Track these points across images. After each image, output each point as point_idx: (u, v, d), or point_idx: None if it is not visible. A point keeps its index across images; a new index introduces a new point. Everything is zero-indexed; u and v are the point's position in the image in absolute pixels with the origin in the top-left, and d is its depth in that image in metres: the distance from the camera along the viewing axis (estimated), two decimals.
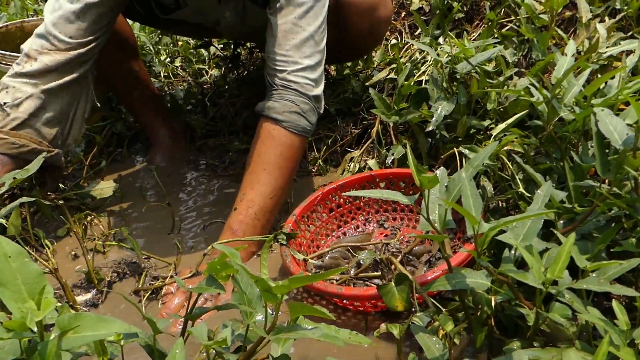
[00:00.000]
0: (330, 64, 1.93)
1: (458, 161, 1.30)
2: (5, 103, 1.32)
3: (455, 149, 1.29)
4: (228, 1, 1.48)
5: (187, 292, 1.18)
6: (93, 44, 1.37)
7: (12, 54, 1.67)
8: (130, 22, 1.75)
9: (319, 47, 1.35)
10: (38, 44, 1.34)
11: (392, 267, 1.13)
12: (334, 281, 1.20)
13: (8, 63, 1.66)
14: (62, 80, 1.35)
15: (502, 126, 1.25)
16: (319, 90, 1.36)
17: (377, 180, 1.40)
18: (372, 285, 1.18)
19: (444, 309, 1.02)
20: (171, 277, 1.27)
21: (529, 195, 1.11)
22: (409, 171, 1.37)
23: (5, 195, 1.40)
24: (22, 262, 0.61)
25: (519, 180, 1.15)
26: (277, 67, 1.34)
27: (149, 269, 1.32)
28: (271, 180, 1.32)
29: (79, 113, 1.45)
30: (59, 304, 0.73)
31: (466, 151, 1.26)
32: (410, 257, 1.24)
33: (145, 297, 1.23)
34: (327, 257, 1.29)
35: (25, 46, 1.36)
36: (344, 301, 1.14)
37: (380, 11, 1.53)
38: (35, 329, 0.58)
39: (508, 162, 1.19)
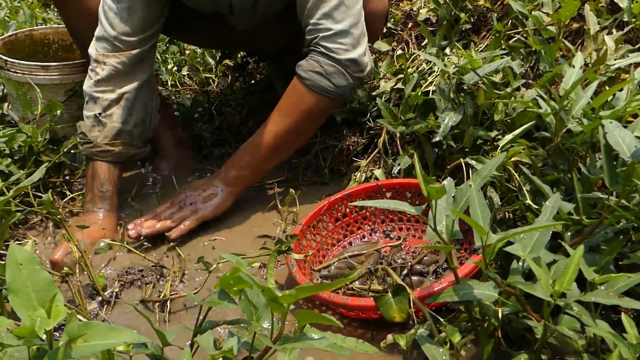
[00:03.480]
0: None
1: (464, 172, 1.30)
2: (100, 114, 1.47)
3: (461, 159, 1.29)
4: None
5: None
6: (151, 40, 1.49)
7: (21, 62, 1.68)
8: None
9: (351, 10, 1.37)
10: (102, 47, 1.45)
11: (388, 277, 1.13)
12: (339, 291, 1.20)
13: (17, 71, 1.67)
14: (135, 83, 1.48)
15: (509, 137, 1.25)
16: (354, 53, 1.38)
17: (384, 190, 1.40)
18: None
19: (442, 320, 1.02)
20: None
21: (537, 207, 1.10)
22: (416, 181, 1.37)
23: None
24: (32, 269, 0.61)
25: (526, 192, 1.15)
26: (309, 37, 1.40)
27: (156, 278, 1.31)
28: (283, 121, 1.42)
29: (154, 108, 1.58)
30: (69, 312, 0.73)
31: (473, 162, 1.26)
32: (420, 267, 1.23)
33: (156, 309, 1.23)
34: (332, 267, 1.29)
35: (92, 51, 1.47)
36: (350, 311, 1.14)
37: (374, 4, 1.54)
38: (44, 337, 0.58)
39: (515, 173, 1.19)
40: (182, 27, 1.67)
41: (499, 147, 1.25)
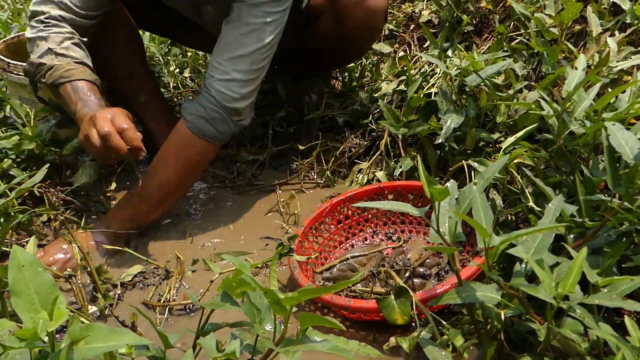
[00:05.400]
0: (334, 68, 1.93)
1: (467, 174, 1.30)
2: (53, 48, 1.39)
3: (464, 161, 1.29)
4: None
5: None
6: (94, 19, 1.46)
7: (23, 64, 1.68)
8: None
9: (256, 65, 1.39)
10: (46, 6, 1.41)
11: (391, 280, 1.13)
12: (341, 293, 1.20)
13: (19, 73, 1.67)
14: (83, 38, 1.44)
15: (511, 139, 1.25)
16: (240, 104, 1.40)
17: (386, 192, 1.39)
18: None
19: (445, 322, 1.02)
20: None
21: (539, 209, 1.10)
22: (418, 183, 1.37)
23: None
24: (35, 271, 0.61)
25: (528, 194, 1.14)
26: (209, 72, 1.41)
27: (158, 281, 1.31)
28: (165, 170, 1.42)
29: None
30: (71, 314, 0.73)
31: (475, 164, 1.25)
32: (422, 269, 1.23)
33: (157, 310, 1.22)
34: (334, 269, 1.29)
35: (34, 7, 1.43)
36: (352, 314, 1.13)
37: (374, 1, 1.54)
38: (46, 339, 0.58)
39: (517, 176, 1.19)
40: (184, 33, 1.67)
41: (502, 149, 1.25)
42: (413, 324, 1.08)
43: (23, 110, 1.63)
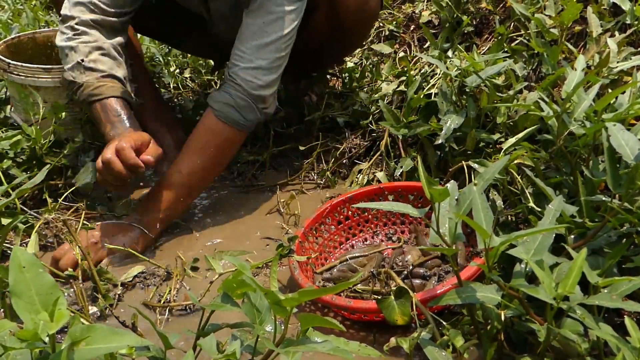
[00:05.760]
0: (333, 63, 1.93)
1: (467, 175, 1.30)
2: (82, 60, 1.43)
3: (464, 162, 1.29)
4: None
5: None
6: (125, 16, 1.51)
7: (24, 64, 1.68)
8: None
9: (279, 54, 1.41)
10: (77, 9, 1.45)
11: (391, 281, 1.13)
12: (342, 294, 1.20)
13: (20, 74, 1.67)
14: (115, 40, 1.48)
15: (512, 140, 1.25)
16: (266, 91, 1.43)
17: (386, 193, 1.39)
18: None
19: (445, 323, 1.02)
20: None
21: (539, 209, 1.10)
22: (418, 184, 1.37)
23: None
24: (36, 272, 0.61)
25: (528, 195, 1.15)
26: (232, 61, 1.43)
27: (158, 280, 1.32)
28: (195, 159, 1.43)
29: (139, 73, 1.63)
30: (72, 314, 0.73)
31: (475, 165, 1.26)
32: (423, 270, 1.23)
33: (157, 311, 1.22)
34: (335, 270, 1.29)
35: (65, 11, 1.47)
36: (352, 314, 1.14)
37: None
38: (47, 340, 0.58)
39: (518, 176, 1.19)
40: (183, 37, 1.68)
41: (502, 150, 1.25)
42: (413, 324, 1.08)
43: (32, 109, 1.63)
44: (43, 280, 0.61)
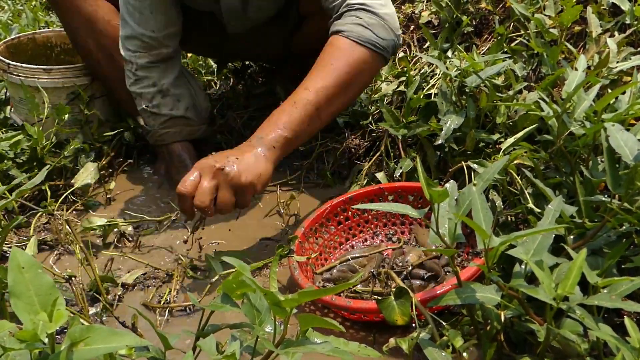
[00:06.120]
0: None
1: (466, 175, 1.30)
2: (147, 107, 1.59)
3: (464, 162, 1.29)
4: None
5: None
6: (174, 38, 1.58)
7: (24, 65, 1.68)
8: None
9: None
10: (131, 44, 1.54)
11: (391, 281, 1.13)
12: (341, 294, 1.20)
13: (20, 74, 1.68)
14: (171, 76, 1.59)
15: (511, 140, 1.25)
16: (389, 10, 1.36)
17: (386, 193, 1.39)
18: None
19: (445, 323, 1.02)
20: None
21: (539, 210, 1.10)
22: (418, 185, 1.37)
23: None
24: (35, 273, 0.61)
25: (528, 195, 1.14)
26: (337, 3, 1.36)
27: (157, 281, 1.32)
28: (325, 76, 1.29)
29: (199, 93, 1.68)
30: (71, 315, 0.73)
31: (475, 165, 1.25)
32: (423, 271, 1.23)
33: (157, 312, 1.22)
34: (335, 270, 1.29)
35: (123, 53, 1.56)
36: (352, 314, 1.13)
37: None
38: (46, 341, 0.58)
39: (517, 177, 1.19)
40: (184, 37, 1.68)
41: (501, 150, 1.25)
42: (413, 324, 1.08)
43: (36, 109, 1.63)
44: (42, 281, 0.61)
